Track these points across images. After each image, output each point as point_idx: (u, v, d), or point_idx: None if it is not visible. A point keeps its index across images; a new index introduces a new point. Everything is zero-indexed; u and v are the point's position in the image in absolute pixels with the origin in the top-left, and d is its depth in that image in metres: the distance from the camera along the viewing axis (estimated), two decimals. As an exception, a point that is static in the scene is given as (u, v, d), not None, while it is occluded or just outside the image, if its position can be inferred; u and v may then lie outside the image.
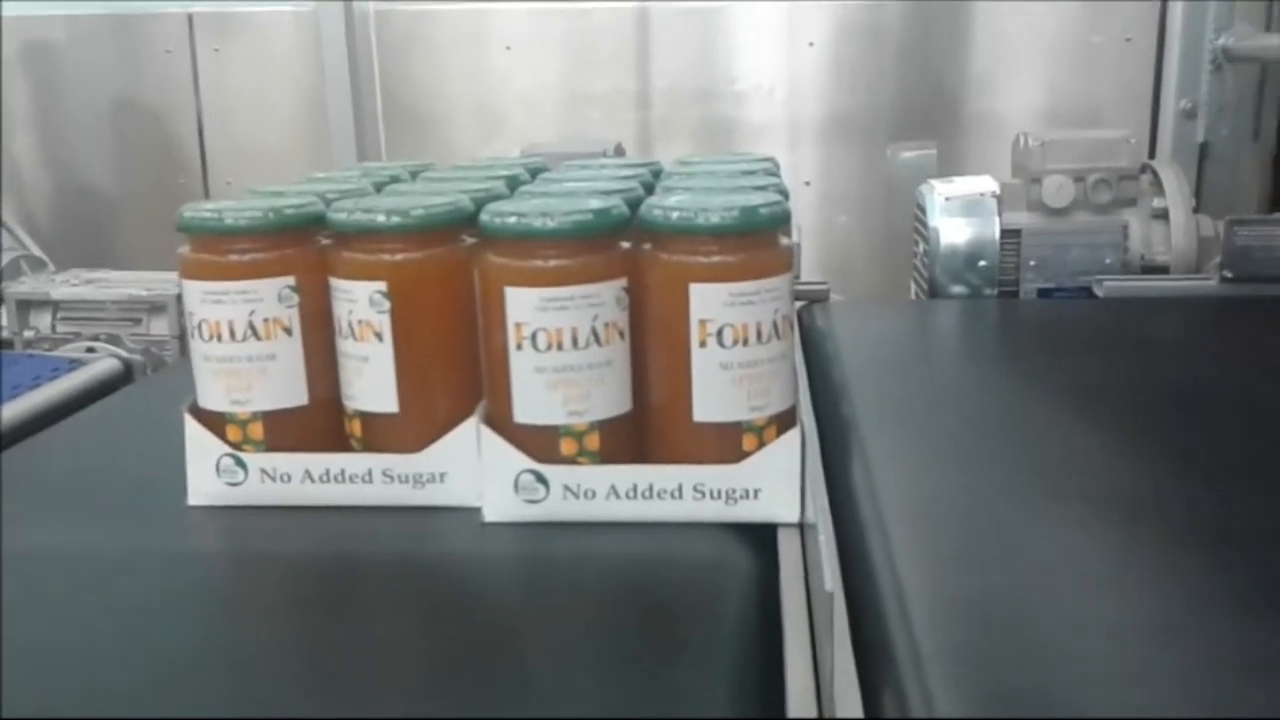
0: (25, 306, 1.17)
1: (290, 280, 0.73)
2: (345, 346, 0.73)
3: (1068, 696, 0.52)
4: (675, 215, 0.68)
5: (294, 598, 0.66)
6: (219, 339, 0.72)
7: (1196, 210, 1.36)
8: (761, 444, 0.70)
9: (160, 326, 1.13)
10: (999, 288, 1.32)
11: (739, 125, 2.10)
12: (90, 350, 1.13)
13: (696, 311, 0.68)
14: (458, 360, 0.73)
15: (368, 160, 1.99)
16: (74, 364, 1.05)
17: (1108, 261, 1.31)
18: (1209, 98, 1.69)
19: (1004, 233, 1.31)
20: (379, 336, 0.71)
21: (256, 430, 0.74)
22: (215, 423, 0.74)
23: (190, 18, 2.18)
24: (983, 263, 1.31)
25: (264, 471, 0.73)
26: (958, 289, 1.32)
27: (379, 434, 0.74)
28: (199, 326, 0.73)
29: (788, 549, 0.69)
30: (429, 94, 2.14)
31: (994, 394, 0.99)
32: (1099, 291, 1.28)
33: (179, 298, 1.16)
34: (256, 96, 2.19)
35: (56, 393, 1.01)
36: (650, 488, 0.70)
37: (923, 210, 1.36)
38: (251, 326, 0.72)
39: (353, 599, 0.66)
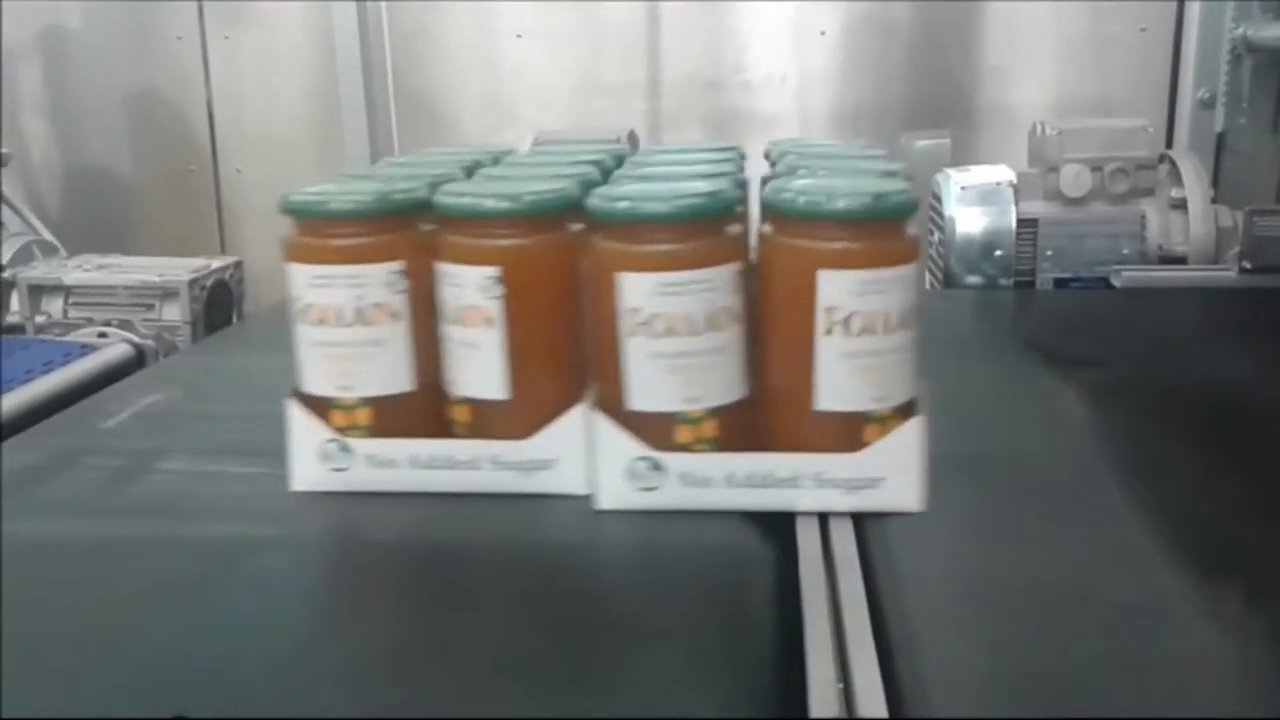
0: (37, 291, 1.16)
1: (398, 265, 0.71)
2: (452, 332, 0.72)
3: (1096, 693, 0.51)
4: (804, 200, 0.66)
5: (401, 585, 0.66)
6: (326, 324, 0.71)
7: (1215, 200, 1.35)
8: (883, 435, 0.68)
9: (172, 312, 1.12)
10: (1015, 278, 1.31)
11: (750, 115, 2.09)
12: (102, 335, 1.12)
13: (824, 298, 0.66)
14: (566, 346, 0.72)
15: (379, 150, 1.99)
16: (85, 349, 1.05)
17: (1125, 252, 1.30)
18: (1227, 87, 1.68)
19: (1020, 222, 1.30)
20: (489, 322, 0.70)
21: (363, 416, 0.72)
22: (319, 408, 0.73)
23: (201, 5, 2.17)
24: (999, 252, 1.30)
25: (369, 457, 0.72)
26: (973, 279, 1.31)
27: (487, 420, 0.72)
28: (305, 310, 0.72)
29: (806, 540, 0.68)
30: (439, 83, 2.13)
31: (1010, 385, 0.98)
32: (1116, 282, 1.27)
33: (191, 284, 1.15)
34: (267, 84, 2.18)
35: (68, 378, 1.01)
36: (768, 476, 0.69)
37: (938, 199, 1.35)
38: (359, 311, 0.71)
39: (463, 587, 0.64)
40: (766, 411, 0.71)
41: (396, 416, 0.73)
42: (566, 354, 0.72)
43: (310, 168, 2.11)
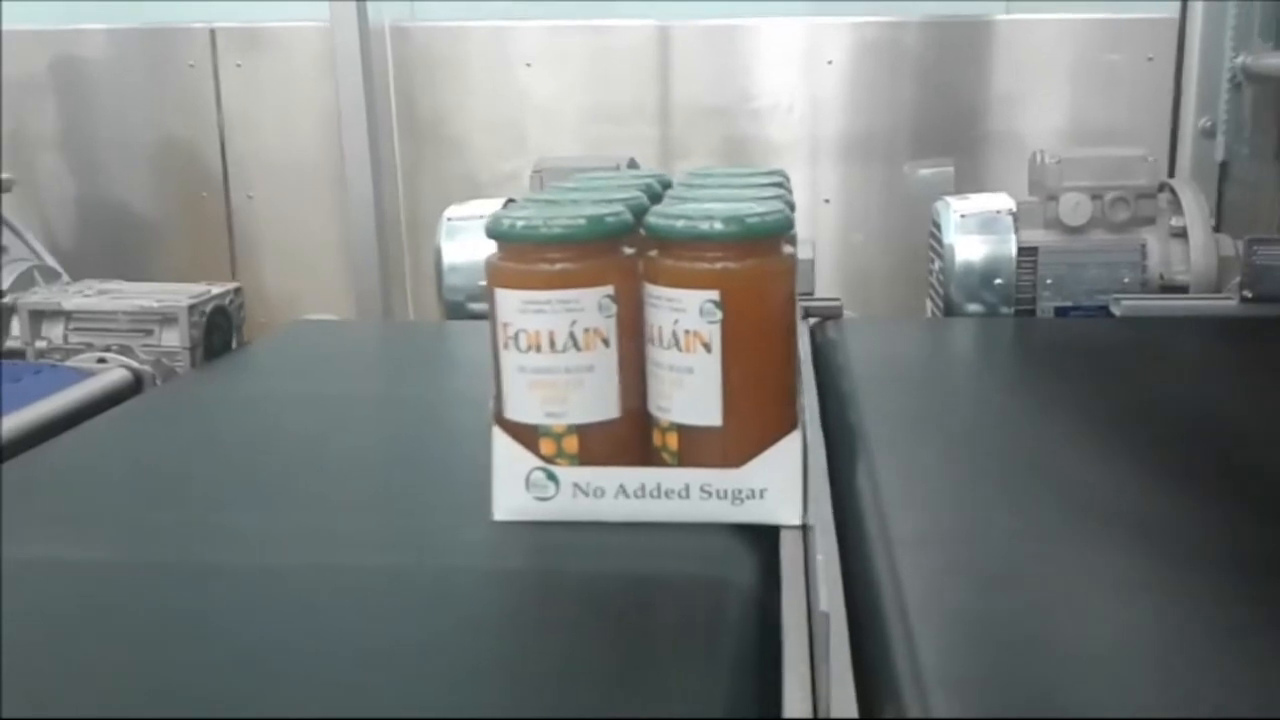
0: (38, 317, 1.17)
1: (609, 289, 0.71)
2: (664, 357, 0.71)
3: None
4: None
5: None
6: (538, 350, 0.71)
7: (1217, 229, 1.35)
8: None
9: (171, 338, 1.13)
10: (1015, 306, 1.30)
11: (758, 143, 2.09)
12: (101, 361, 1.13)
13: None
14: (780, 371, 0.72)
15: (382, 174, 1.99)
16: (80, 374, 1.06)
17: (1125, 280, 1.30)
18: (1228, 116, 1.68)
19: (1020, 250, 1.30)
20: (707, 347, 0.70)
21: (571, 444, 0.72)
22: (526, 435, 0.72)
23: (213, 33, 2.19)
24: (999, 281, 1.30)
25: (576, 486, 0.72)
26: (973, 307, 1.30)
27: (697, 448, 0.72)
28: (516, 337, 0.71)
29: (790, 557, 0.67)
30: (449, 111, 2.14)
31: (1009, 414, 0.97)
32: (1116, 311, 1.27)
33: (190, 309, 1.16)
34: (279, 111, 2.19)
35: (64, 403, 1.01)
36: None
37: (938, 227, 1.35)
38: (572, 337, 0.70)
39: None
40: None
41: (603, 444, 0.72)
42: (779, 379, 0.72)
43: (321, 194, 2.13)
